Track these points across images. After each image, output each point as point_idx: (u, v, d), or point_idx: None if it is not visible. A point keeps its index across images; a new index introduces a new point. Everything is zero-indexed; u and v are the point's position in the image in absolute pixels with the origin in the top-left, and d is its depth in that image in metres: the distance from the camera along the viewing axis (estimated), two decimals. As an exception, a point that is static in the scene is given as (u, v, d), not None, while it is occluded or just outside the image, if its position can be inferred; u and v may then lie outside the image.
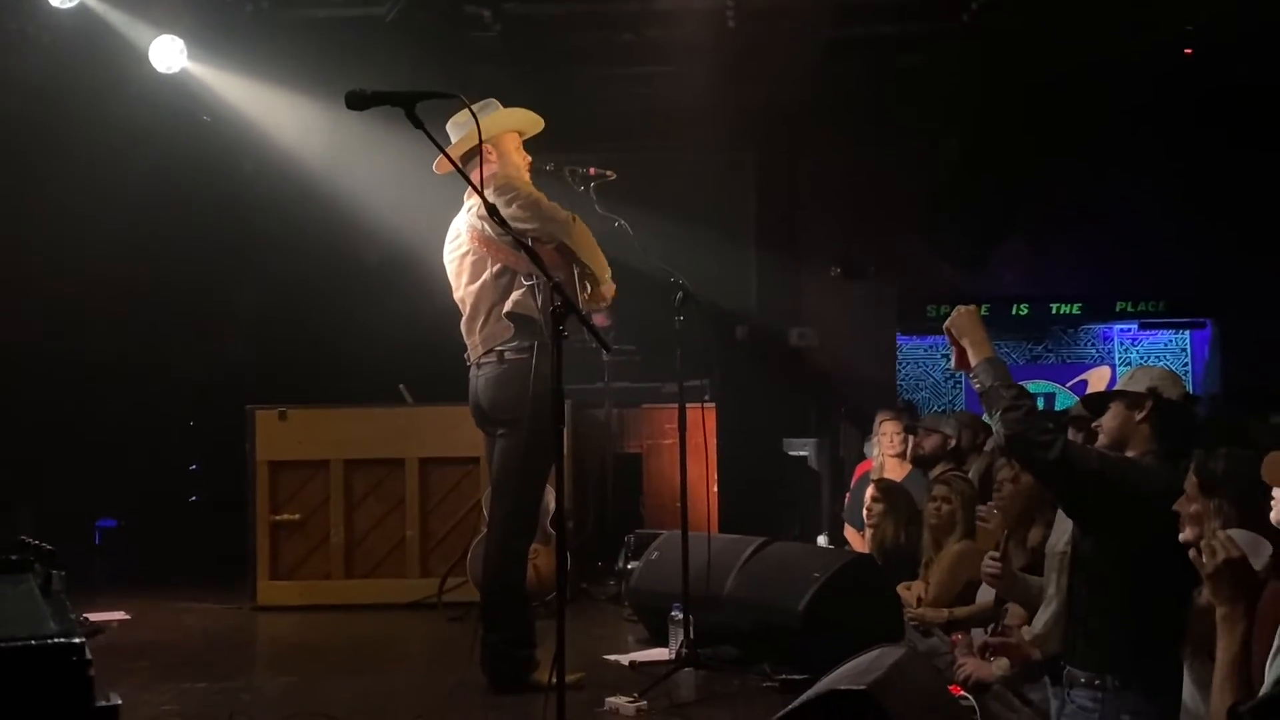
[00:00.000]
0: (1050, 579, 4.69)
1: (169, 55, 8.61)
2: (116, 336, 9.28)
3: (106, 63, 8.68)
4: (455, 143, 5.17)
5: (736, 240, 11.57)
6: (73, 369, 9.23)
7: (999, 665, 4.61)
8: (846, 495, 8.55)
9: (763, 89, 10.20)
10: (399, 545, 7.63)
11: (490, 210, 4.23)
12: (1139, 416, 4.15)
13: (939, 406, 12.58)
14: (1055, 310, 12.63)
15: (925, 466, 7.56)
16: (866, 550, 6.77)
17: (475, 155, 4.94)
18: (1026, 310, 12.56)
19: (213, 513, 9.19)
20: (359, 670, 5.87)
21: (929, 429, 7.77)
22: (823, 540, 8.45)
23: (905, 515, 6.59)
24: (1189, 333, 13.11)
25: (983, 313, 4.18)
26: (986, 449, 7.46)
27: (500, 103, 5.40)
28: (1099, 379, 12.92)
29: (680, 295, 5.57)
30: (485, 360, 5.24)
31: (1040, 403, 11.70)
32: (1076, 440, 4.76)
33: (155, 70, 8.65)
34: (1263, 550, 2.96)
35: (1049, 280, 12.44)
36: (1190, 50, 10.01)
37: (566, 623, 3.90)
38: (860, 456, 9.19)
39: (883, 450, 7.95)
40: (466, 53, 9.60)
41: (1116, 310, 12.74)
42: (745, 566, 5.74)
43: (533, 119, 5.47)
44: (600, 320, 5.35)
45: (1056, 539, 4.71)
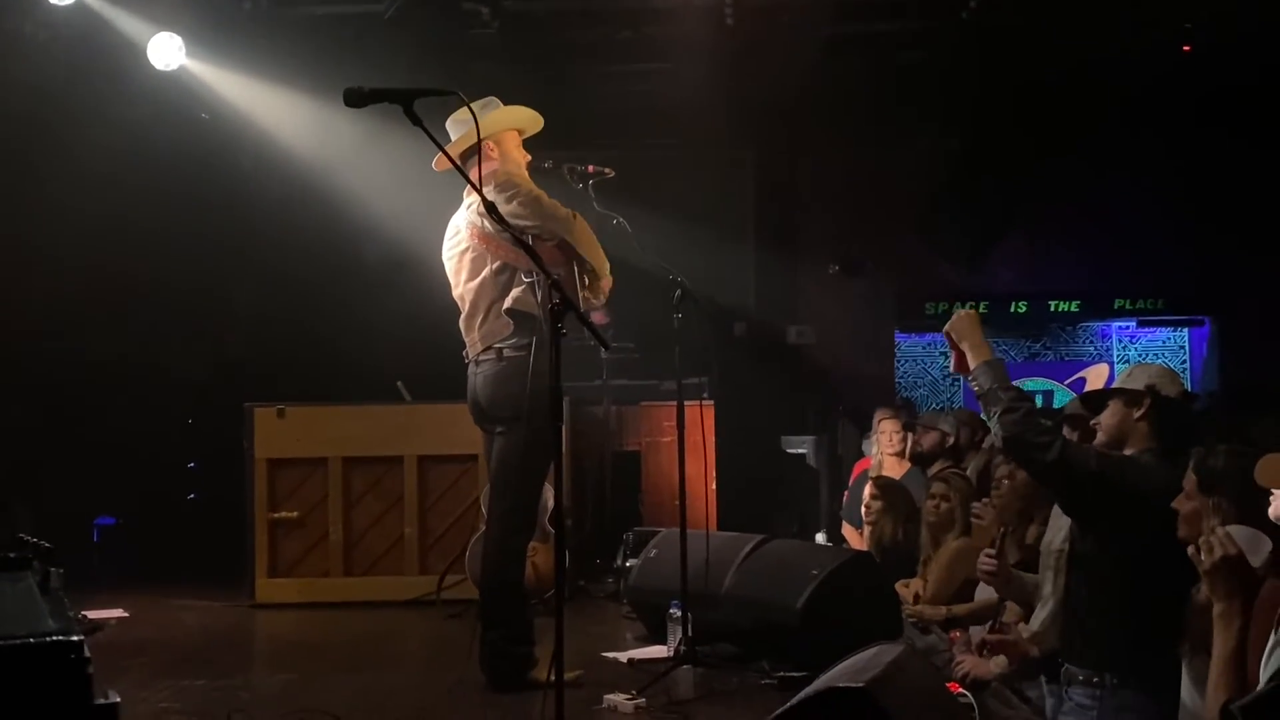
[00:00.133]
0: (1046, 576, 4.69)
1: (167, 53, 8.61)
2: (115, 334, 9.27)
3: (105, 60, 8.69)
4: (455, 140, 5.16)
5: (735, 238, 11.56)
6: (71, 366, 9.23)
7: (997, 663, 4.62)
8: (845, 493, 8.55)
9: (761, 86, 10.20)
10: (397, 543, 7.63)
11: (489, 208, 4.22)
12: (1137, 414, 4.16)
13: (937, 404, 12.57)
14: (1054, 308, 12.63)
15: (923, 464, 7.57)
16: (865, 548, 6.78)
17: (474, 153, 4.93)
18: (1025, 308, 12.56)
19: (211, 510, 9.19)
20: (358, 668, 5.86)
21: (927, 426, 7.78)
22: (821, 538, 8.45)
23: (903, 513, 6.59)
24: (1187, 330, 13.11)
25: (981, 310, 4.21)
26: (985, 446, 7.47)
27: (499, 100, 5.39)
28: (1097, 376, 12.91)
29: (679, 293, 5.58)
30: (484, 358, 5.23)
31: (1039, 400, 11.71)
32: (1073, 439, 4.77)
33: (154, 68, 8.65)
34: (1262, 547, 2.96)
35: (1047, 278, 12.44)
36: (1189, 48, 10.01)
37: (565, 620, 3.90)
38: (859, 454, 9.19)
39: (881, 449, 7.95)
40: (465, 50, 9.59)
41: (1115, 308, 12.75)
42: (744, 564, 5.74)
43: (533, 117, 5.46)
44: (599, 318, 5.34)
45: (1052, 536, 4.72)
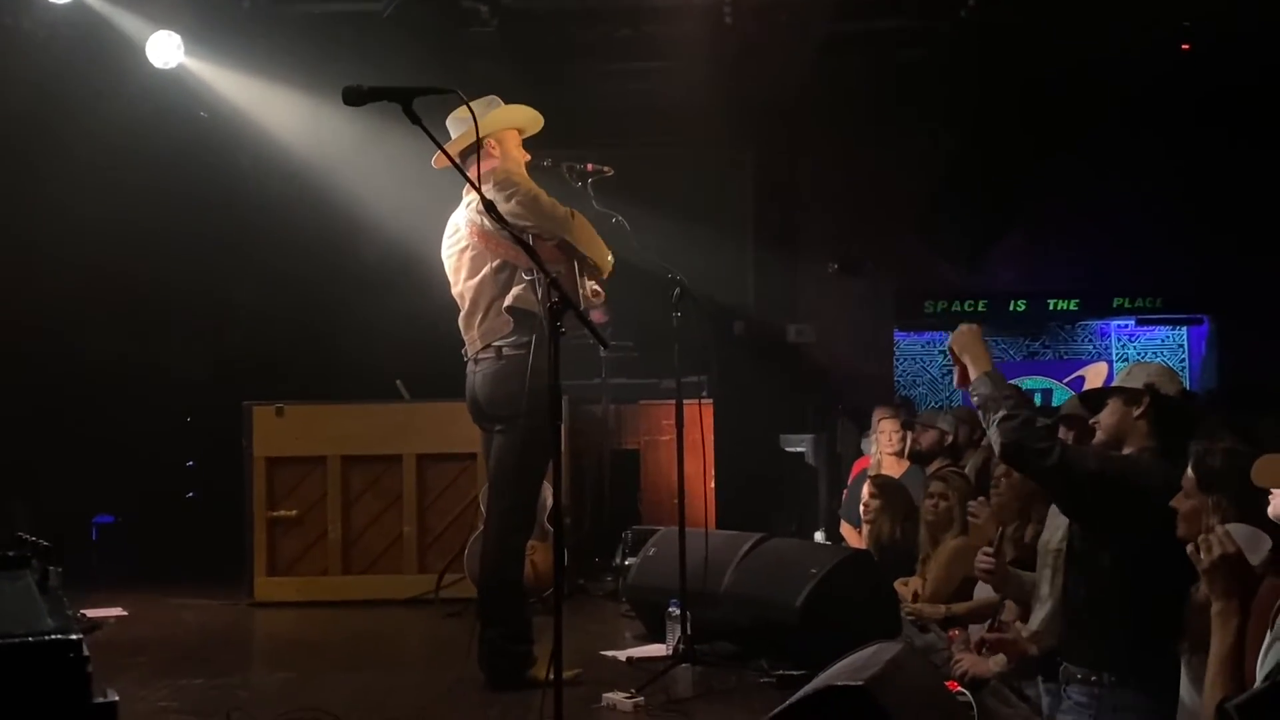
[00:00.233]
0: (1044, 575, 4.69)
1: (166, 51, 8.61)
2: (113, 332, 9.26)
3: (104, 59, 8.68)
4: (455, 138, 5.16)
5: (734, 236, 11.56)
6: (70, 365, 9.23)
7: (996, 661, 4.62)
8: (844, 491, 8.55)
9: (761, 85, 10.19)
10: (396, 541, 7.63)
11: (488, 206, 4.22)
12: (1137, 413, 4.16)
13: (936, 403, 12.57)
14: (1052, 306, 12.63)
15: (922, 462, 7.57)
16: (864, 546, 6.78)
17: (474, 151, 4.92)
18: (1024, 306, 12.56)
19: (210, 509, 9.19)
20: (356, 666, 5.86)
21: (926, 425, 7.77)
22: (820, 537, 8.45)
23: (902, 511, 6.60)
24: (1186, 329, 13.11)
25: (980, 309, 4.23)
26: (983, 445, 7.46)
27: (500, 99, 5.39)
28: (1096, 375, 12.80)
29: (678, 291, 5.57)
30: (483, 356, 5.22)
31: (1038, 399, 11.71)
32: (1069, 439, 4.77)
33: (152, 66, 8.64)
34: (1261, 545, 2.96)
35: (1046, 276, 12.44)
36: (1188, 47, 10.01)
37: (564, 619, 3.90)
38: (858, 453, 9.19)
39: (880, 447, 7.95)
40: (464, 48, 9.59)
41: (1114, 306, 12.75)
42: (742, 563, 5.74)
43: (533, 117, 5.45)
44: (598, 316, 5.33)
45: (1050, 535, 4.72)
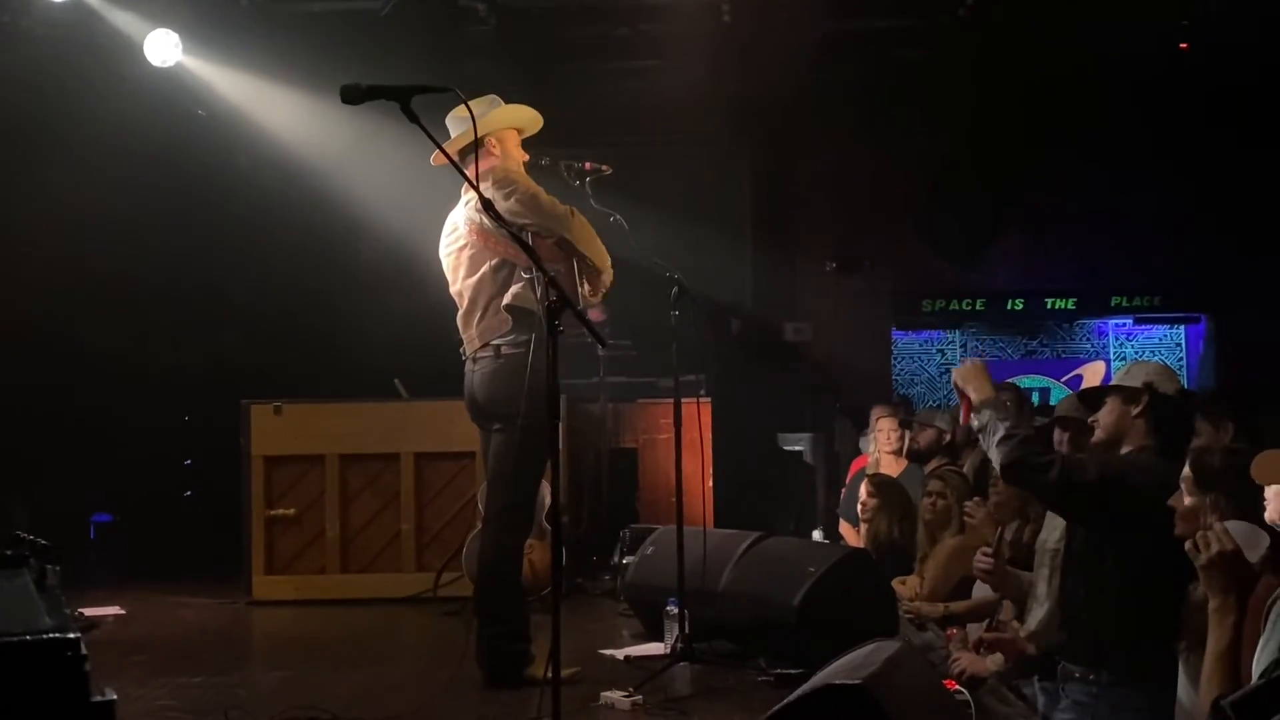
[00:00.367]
0: (1042, 574, 4.70)
1: (164, 49, 8.60)
2: (111, 331, 9.25)
3: (101, 57, 8.68)
4: (454, 137, 5.15)
5: (732, 235, 11.56)
6: (68, 363, 9.22)
7: (994, 660, 4.62)
8: (842, 490, 8.55)
9: (758, 83, 10.19)
10: (394, 540, 7.63)
11: (486, 204, 4.21)
12: (1135, 411, 4.16)
13: (934, 401, 12.57)
14: (1050, 305, 12.64)
15: (920, 461, 7.57)
16: (862, 545, 6.78)
17: (472, 150, 4.92)
18: (1021, 305, 12.56)
19: (208, 507, 9.19)
20: (354, 665, 5.85)
21: (924, 424, 7.77)
22: (818, 535, 8.45)
23: (900, 510, 6.59)
24: (1184, 328, 13.12)
25: (978, 307, 4.26)
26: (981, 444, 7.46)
27: (499, 98, 5.38)
28: (1094, 374, 12.86)
29: (676, 290, 5.57)
30: (481, 355, 5.22)
31: (1035, 398, 11.71)
32: (1064, 441, 4.76)
33: (150, 64, 8.64)
34: (1260, 542, 2.96)
35: (1044, 275, 12.45)
36: (1186, 46, 10.01)
37: (562, 617, 3.90)
38: (855, 451, 9.19)
39: (878, 446, 7.95)
40: (462, 47, 9.59)
41: (1111, 305, 12.75)
42: (740, 561, 5.74)
43: (534, 117, 5.44)
44: (596, 315, 5.33)
45: (1048, 535, 4.72)
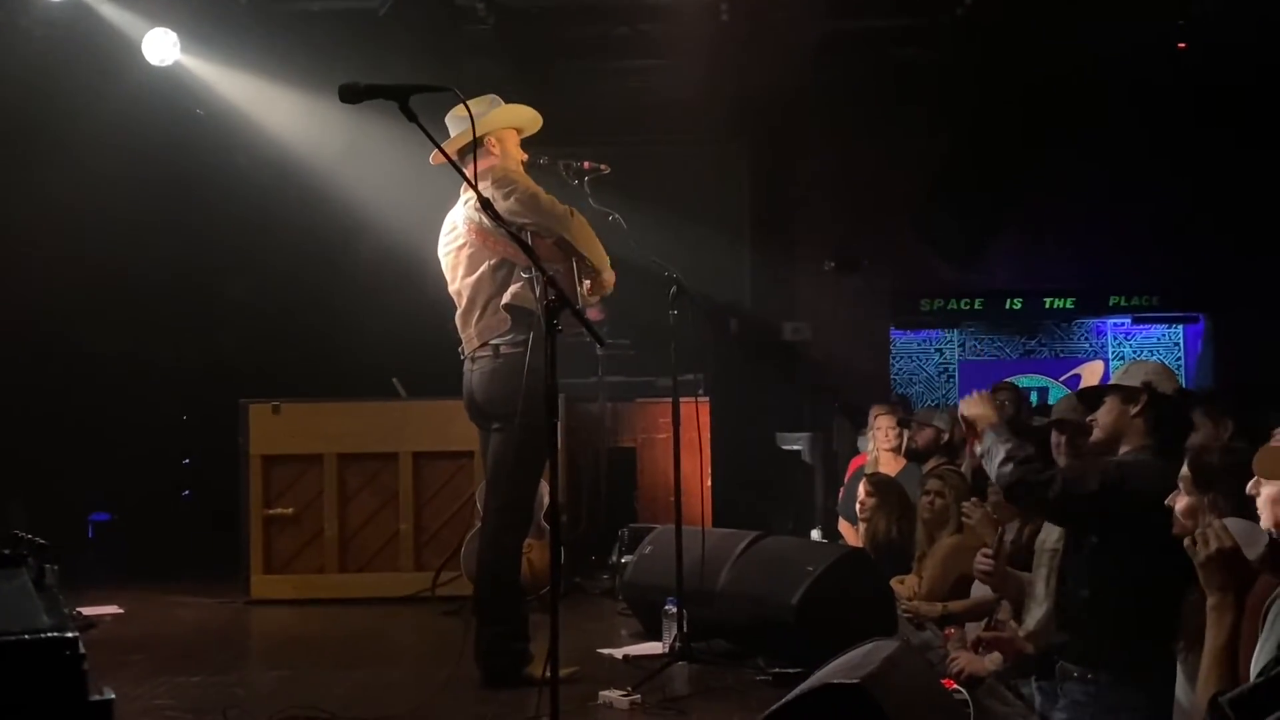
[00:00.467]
0: (1040, 574, 4.70)
1: (162, 48, 8.60)
2: (109, 330, 9.25)
3: (100, 56, 8.67)
4: (453, 136, 5.15)
5: (731, 234, 11.55)
6: (65, 362, 9.22)
7: (992, 659, 4.62)
8: (840, 489, 8.55)
9: (757, 82, 10.19)
10: (393, 539, 7.62)
11: (485, 204, 4.21)
12: (1134, 411, 4.17)
13: (932, 401, 12.57)
14: (1048, 305, 12.63)
15: (918, 460, 7.57)
16: (860, 544, 6.78)
17: (471, 149, 4.91)
18: (1020, 304, 12.55)
19: (206, 507, 9.18)
20: (352, 664, 5.85)
21: (922, 423, 7.77)
22: (816, 534, 8.45)
23: (898, 509, 6.60)
24: (1182, 327, 13.11)
25: (976, 307, 4.29)
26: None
27: (499, 97, 5.38)
28: (1092, 373, 12.89)
29: (674, 289, 5.57)
30: (480, 354, 5.22)
31: (1033, 397, 11.71)
32: (1061, 443, 4.77)
33: (148, 63, 8.64)
34: (1258, 540, 2.96)
35: (1042, 274, 12.44)
36: (1184, 45, 10.02)
37: (560, 617, 3.90)
38: (854, 451, 9.19)
39: (877, 444, 7.95)
40: (460, 46, 9.59)
41: (1110, 305, 12.75)
42: (739, 561, 5.73)
43: (533, 117, 5.43)
44: (594, 314, 5.33)
45: (1046, 535, 4.72)
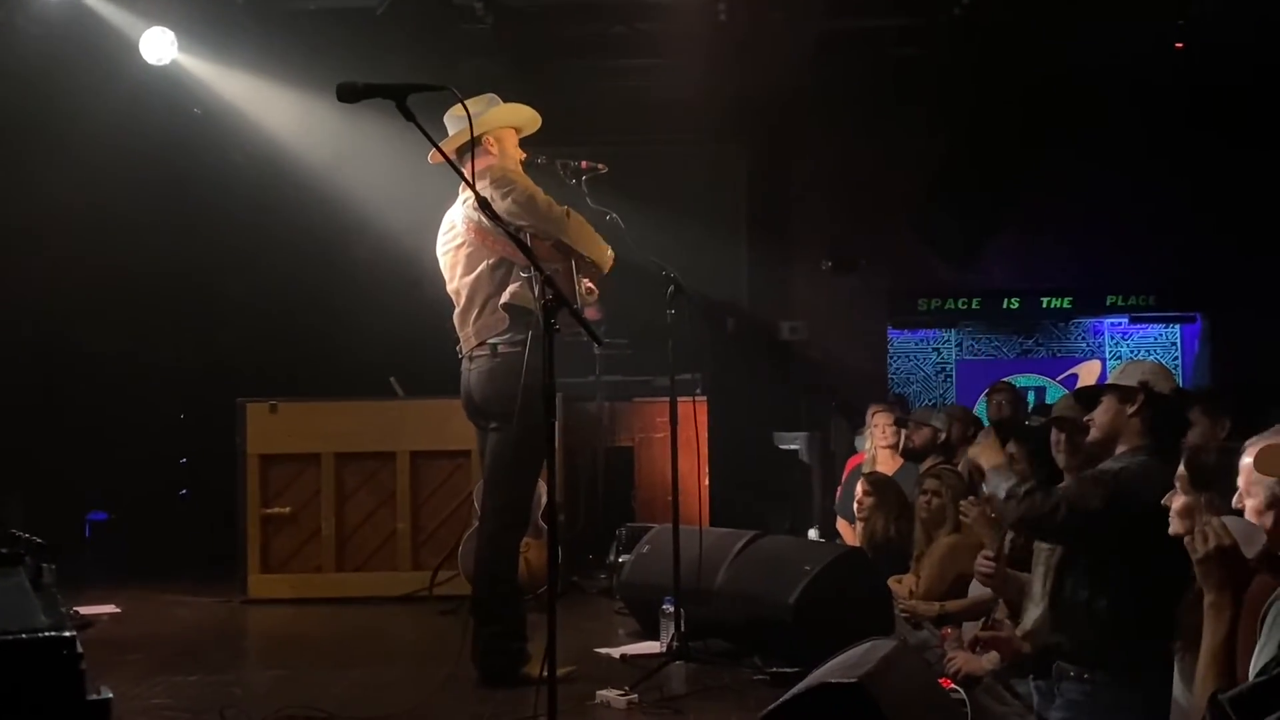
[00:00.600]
0: (1038, 574, 4.70)
1: (160, 47, 8.59)
2: (106, 329, 9.24)
3: (97, 55, 8.66)
4: (451, 135, 5.14)
5: (728, 234, 11.55)
6: (63, 361, 9.22)
7: (989, 659, 4.62)
8: (838, 489, 8.55)
9: (754, 82, 10.19)
10: (390, 538, 7.62)
11: (483, 203, 4.21)
12: (1130, 410, 4.18)
13: (930, 400, 12.57)
14: (1046, 304, 12.63)
15: (915, 460, 7.57)
16: (858, 543, 6.79)
17: (469, 148, 4.90)
18: (1017, 304, 12.56)
19: (203, 506, 9.18)
20: (350, 663, 5.85)
21: (919, 423, 7.78)
22: (814, 534, 8.45)
23: (896, 509, 6.60)
24: (1179, 327, 13.12)
25: (974, 306, 4.32)
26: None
27: (497, 97, 5.38)
28: (1089, 373, 12.91)
29: (671, 289, 5.57)
30: (478, 353, 5.21)
31: (1031, 397, 11.72)
32: (1060, 441, 4.78)
33: (146, 62, 8.63)
34: (1256, 539, 2.96)
35: (1040, 274, 12.45)
36: (1181, 45, 10.02)
37: (557, 616, 3.90)
38: (851, 450, 9.20)
39: (875, 442, 7.95)
40: (458, 45, 9.58)
41: (1107, 304, 12.76)
42: (736, 560, 5.74)
43: (532, 117, 5.43)
44: (592, 314, 5.32)
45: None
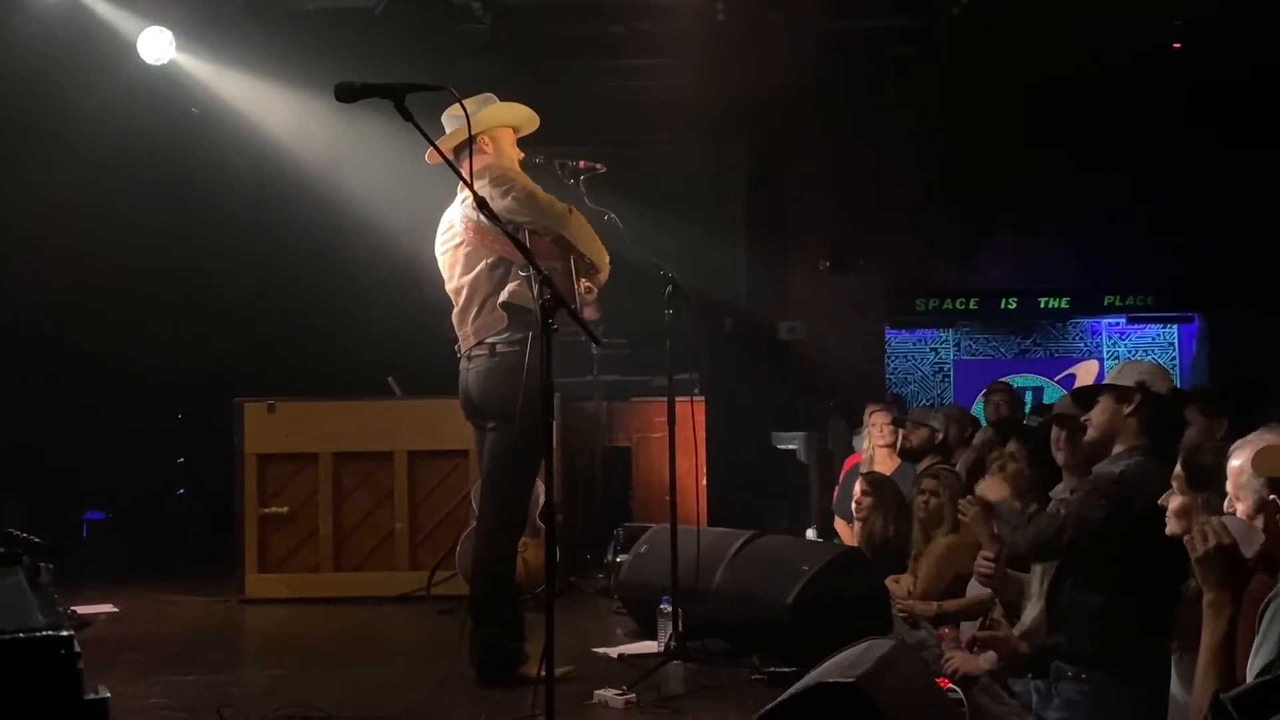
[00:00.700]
0: (1035, 573, 4.71)
1: (158, 47, 8.60)
2: (103, 328, 9.24)
3: (95, 55, 8.66)
4: (448, 134, 5.14)
5: (726, 233, 11.56)
6: (60, 361, 9.20)
7: (986, 659, 4.63)
8: (836, 488, 8.56)
9: (752, 81, 10.20)
10: (388, 538, 7.61)
11: (480, 203, 4.21)
12: (1127, 410, 4.19)
13: (927, 400, 12.58)
14: (1044, 304, 12.65)
15: (913, 460, 7.58)
16: (855, 543, 6.79)
17: (466, 148, 4.90)
18: (1015, 304, 12.58)
19: (201, 505, 9.17)
20: (347, 663, 5.85)
21: (917, 423, 7.79)
22: (812, 533, 8.46)
23: (894, 508, 6.60)
24: (1177, 327, 13.14)
25: (972, 306, 4.31)
26: (974, 443, 7.49)
27: (495, 96, 5.37)
28: (1087, 373, 12.93)
29: (670, 289, 5.56)
30: (476, 353, 5.21)
31: (1028, 397, 11.74)
32: (1060, 438, 4.78)
33: (144, 62, 8.63)
34: (1254, 539, 2.96)
35: (1038, 274, 12.47)
36: (1179, 45, 10.03)
37: (555, 616, 3.90)
38: (849, 449, 9.20)
39: (873, 441, 7.95)
40: (456, 45, 9.59)
41: (1105, 304, 12.77)
42: (734, 560, 5.74)
43: (529, 116, 5.41)
44: (590, 313, 5.32)
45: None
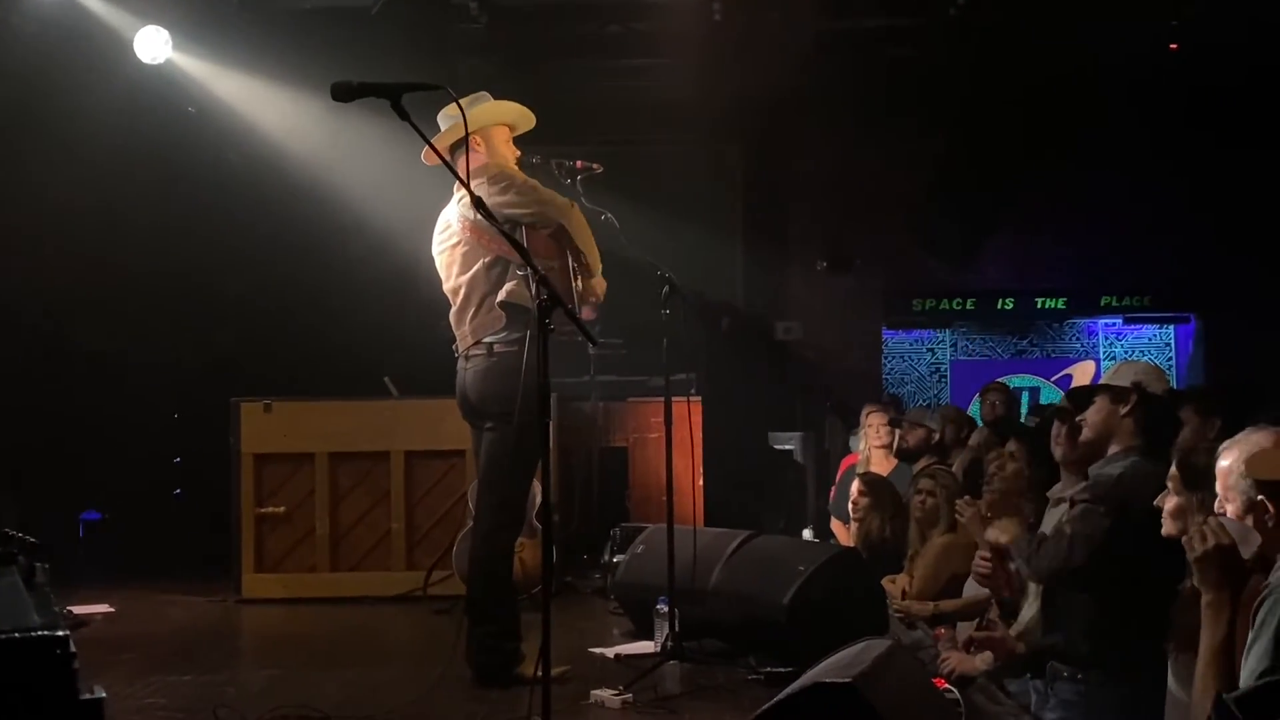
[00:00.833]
0: (1034, 573, 4.72)
1: (154, 46, 8.60)
2: (101, 328, 9.23)
3: (92, 54, 8.65)
4: (442, 133, 5.14)
5: (723, 234, 11.56)
6: (57, 361, 9.19)
7: (983, 659, 4.63)
8: (832, 489, 8.56)
9: (749, 82, 10.20)
10: (384, 538, 7.61)
11: (477, 202, 4.21)
12: (1123, 410, 4.19)
13: (924, 400, 12.59)
14: (1040, 305, 12.66)
15: (909, 460, 7.59)
16: (852, 543, 6.79)
17: (461, 146, 4.90)
18: (1012, 305, 12.59)
19: (197, 505, 9.16)
20: (344, 663, 5.84)
21: (913, 423, 7.80)
22: (808, 534, 8.47)
23: (890, 509, 6.61)
24: (1173, 327, 13.15)
25: (968, 307, 4.31)
26: (971, 444, 7.50)
27: (490, 95, 5.37)
28: (1084, 373, 12.94)
29: (666, 289, 5.56)
30: (474, 353, 5.20)
31: (1025, 397, 11.75)
32: (1061, 434, 4.79)
33: (140, 61, 8.63)
34: (1252, 539, 2.97)
35: (1034, 275, 12.47)
36: (1176, 46, 10.04)
37: (552, 616, 3.90)
38: (845, 450, 9.21)
39: (869, 442, 7.96)
40: (453, 44, 9.58)
41: (1101, 305, 12.78)
42: (731, 560, 5.74)
43: (522, 113, 5.41)
44: (587, 314, 5.32)
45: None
